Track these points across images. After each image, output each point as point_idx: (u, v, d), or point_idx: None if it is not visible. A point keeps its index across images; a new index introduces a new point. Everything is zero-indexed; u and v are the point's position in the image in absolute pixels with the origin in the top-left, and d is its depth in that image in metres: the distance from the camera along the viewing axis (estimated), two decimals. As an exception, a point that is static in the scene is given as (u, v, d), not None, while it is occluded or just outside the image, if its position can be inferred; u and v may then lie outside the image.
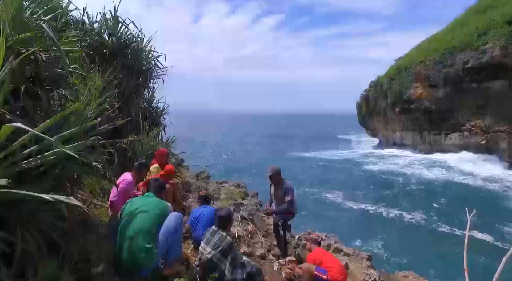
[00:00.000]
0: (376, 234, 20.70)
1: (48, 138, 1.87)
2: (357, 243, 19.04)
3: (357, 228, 21.92)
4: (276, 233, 5.34)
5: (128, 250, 2.70)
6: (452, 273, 13.89)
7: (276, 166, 5.37)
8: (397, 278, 5.85)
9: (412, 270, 6.30)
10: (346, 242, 18.67)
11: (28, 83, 2.55)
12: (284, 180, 5.23)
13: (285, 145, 66.89)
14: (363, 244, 19.16)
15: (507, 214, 23.99)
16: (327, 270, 3.62)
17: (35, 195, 1.78)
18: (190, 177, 10.35)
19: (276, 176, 5.17)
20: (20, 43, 2.51)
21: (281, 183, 5.17)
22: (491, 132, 37.57)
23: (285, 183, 5.15)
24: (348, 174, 39.53)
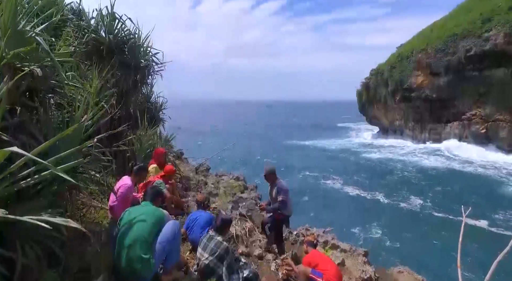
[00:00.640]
0: (374, 219, 21.14)
1: (43, 162, 1.89)
2: (355, 229, 19.47)
3: (356, 214, 22.33)
4: (264, 233, 5.34)
5: (126, 259, 2.77)
6: (446, 258, 14.33)
7: (270, 165, 5.35)
8: (392, 274, 6.00)
9: (407, 266, 6.44)
10: (345, 228, 19.30)
11: (24, 97, 2.55)
12: (279, 180, 5.17)
13: (285, 134, 66.97)
14: (361, 230, 19.64)
15: (502, 200, 24.54)
16: (322, 273, 3.71)
17: (33, 222, 1.82)
18: (189, 171, 10.40)
19: (270, 176, 5.15)
20: (15, 58, 2.50)
21: (275, 182, 5.11)
22: (491, 121, 37.53)
23: (278, 183, 5.06)
24: (347, 161, 39.76)
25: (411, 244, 17.65)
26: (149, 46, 6.59)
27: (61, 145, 2.48)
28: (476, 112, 39.19)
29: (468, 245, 15.96)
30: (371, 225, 20.43)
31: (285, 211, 5.13)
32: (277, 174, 5.32)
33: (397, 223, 21.10)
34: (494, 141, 37.63)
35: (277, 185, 5.04)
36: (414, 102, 43.79)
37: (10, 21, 2.54)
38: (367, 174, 33.58)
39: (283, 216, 5.20)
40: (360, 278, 5.33)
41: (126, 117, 6.88)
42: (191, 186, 7.46)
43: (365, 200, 25.82)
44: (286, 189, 5.04)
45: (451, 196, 25.76)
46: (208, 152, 24.46)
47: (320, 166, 37.17)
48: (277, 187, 5.01)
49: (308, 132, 67.46)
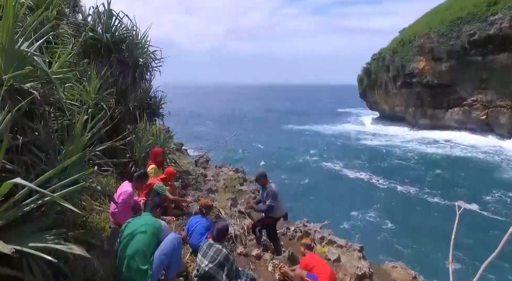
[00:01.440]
0: (372, 203, 21.62)
1: (45, 192, 1.96)
2: (353, 213, 19.90)
3: (354, 196, 22.74)
4: (254, 234, 5.51)
5: (126, 269, 2.91)
6: (437, 241, 14.77)
7: (262, 170, 5.57)
8: (386, 269, 6.20)
9: (401, 261, 6.66)
10: (343, 211, 19.72)
11: (24, 119, 2.58)
12: (270, 183, 5.27)
13: (285, 118, 66.90)
14: (359, 213, 20.12)
15: (498, 185, 24.93)
16: (317, 276, 3.87)
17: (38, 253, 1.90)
18: (189, 164, 10.49)
19: (261, 179, 5.32)
20: (14, 79, 2.52)
21: (266, 185, 5.24)
22: (492, 107, 37.43)
23: (269, 187, 5.20)
24: (346, 146, 39.98)
25: (407, 226, 18.21)
26: (147, 43, 6.52)
27: (64, 159, 2.55)
28: (477, 98, 39.00)
29: (460, 228, 16.46)
30: (368, 208, 20.96)
31: (273, 214, 5.32)
32: (274, 160, 5.48)
33: (394, 205, 21.63)
34: (494, 127, 37.64)
35: (267, 188, 5.18)
36: (415, 88, 43.50)
37: (7, 41, 2.54)
38: (366, 159, 33.87)
39: (272, 219, 5.39)
40: (355, 274, 5.52)
41: (126, 113, 6.93)
42: (190, 181, 7.56)
43: (364, 184, 26.26)
44: (275, 193, 5.18)
45: (448, 181, 26.17)
46: (209, 138, 24.35)
47: (320, 151, 37.47)
48: (267, 190, 5.15)
49: (307, 117, 67.40)
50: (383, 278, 5.80)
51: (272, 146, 39.78)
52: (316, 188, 25.00)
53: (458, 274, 11.26)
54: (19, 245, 1.97)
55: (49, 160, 2.84)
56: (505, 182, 25.60)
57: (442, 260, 12.83)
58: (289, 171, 29.05)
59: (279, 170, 29.47)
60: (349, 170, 29.64)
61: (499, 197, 22.26)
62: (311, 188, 25.16)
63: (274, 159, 32.94)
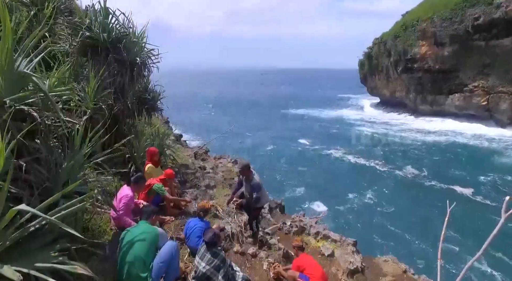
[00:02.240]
0: (369, 186, 22.09)
1: (47, 217, 2.09)
2: (350, 195, 20.34)
3: (352, 180, 23.20)
4: (251, 229, 5.67)
5: (127, 275, 3.09)
6: (431, 226, 15.25)
7: (245, 161, 5.49)
8: (379, 263, 6.44)
9: (391, 254, 6.90)
10: (341, 193, 20.15)
11: (25, 139, 2.66)
12: (253, 176, 5.21)
13: (285, 103, 66.69)
14: (356, 195, 20.63)
15: (495, 169, 25.35)
16: (309, 277, 4.07)
17: (44, 277, 2.03)
18: (188, 156, 10.60)
19: (245, 171, 5.23)
20: (15, 101, 2.59)
21: (250, 177, 5.21)
22: (493, 93, 37.23)
23: (253, 179, 5.16)
24: (344, 132, 40.09)
25: (403, 209, 18.67)
26: (144, 42, 6.50)
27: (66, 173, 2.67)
28: (478, 84, 38.71)
29: (454, 210, 17.06)
30: (365, 191, 21.44)
31: (259, 204, 5.48)
32: (273, 145, 5.51)
33: (391, 189, 22.04)
34: (494, 113, 37.56)
35: (252, 181, 5.19)
36: (416, 74, 43.11)
37: (7, 63, 2.60)
38: (363, 145, 34.11)
39: (258, 209, 5.61)
40: (347, 269, 5.75)
41: (125, 110, 6.99)
42: (189, 177, 7.69)
43: (361, 168, 26.66)
44: (260, 185, 5.24)
45: (447, 166, 26.50)
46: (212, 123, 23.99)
47: (318, 136, 37.65)
48: (252, 183, 5.17)
49: (307, 102, 67.12)
50: (375, 272, 6.03)
51: (270, 131, 39.93)
52: (312, 173, 25.38)
53: (451, 257, 11.47)
54: (26, 267, 2.11)
55: (51, 174, 2.95)
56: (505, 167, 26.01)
57: (434, 240, 13.21)
58: (285, 157, 29.33)
59: (275, 155, 29.77)
60: (349, 154, 29.94)
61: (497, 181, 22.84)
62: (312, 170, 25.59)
63: (271, 145, 33.16)
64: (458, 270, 11.91)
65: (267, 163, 26.77)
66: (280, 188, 21.14)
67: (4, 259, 2.15)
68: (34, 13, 7.06)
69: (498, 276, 11.73)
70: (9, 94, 2.61)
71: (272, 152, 30.94)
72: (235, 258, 4.79)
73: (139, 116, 8.09)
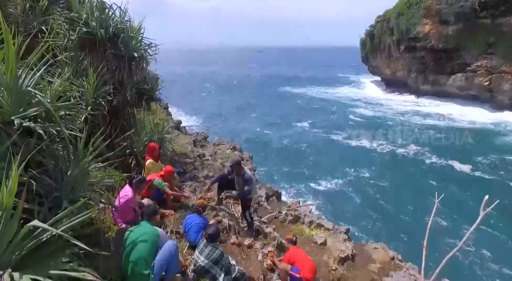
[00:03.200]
0: (367, 164, 22.65)
1: (59, 232, 2.32)
2: (348, 176, 20.86)
3: (351, 161, 23.70)
4: (246, 220, 5.98)
5: (131, 273, 3.38)
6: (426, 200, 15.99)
7: (236, 157, 5.82)
8: (368, 250, 6.80)
9: (382, 242, 7.26)
10: (338, 171, 20.67)
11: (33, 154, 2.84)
12: (244, 170, 5.57)
13: (283, 82, 66.09)
14: (354, 173, 21.27)
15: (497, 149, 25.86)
16: (299, 269, 4.39)
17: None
18: (187, 144, 10.79)
19: (236, 166, 5.52)
20: (21, 118, 2.75)
21: (241, 172, 5.53)
22: (496, 73, 36.87)
23: (245, 174, 5.50)
24: (345, 112, 40.13)
25: (400, 187, 19.35)
26: (142, 36, 6.53)
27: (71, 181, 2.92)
28: (481, 64, 38.26)
29: (451, 188, 17.84)
30: (363, 167, 22.01)
31: (249, 196, 5.78)
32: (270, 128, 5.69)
33: (387, 167, 22.56)
34: (496, 94, 37.34)
35: (243, 175, 5.51)
36: (418, 53, 42.48)
37: (12, 81, 2.74)
38: (362, 126, 34.27)
39: (249, 200, 5.90)
40: (338, 257, 6.11)
41: (124, 102, 7.13)
42: (188, 167, 7.93)
43: (360, 149, 27.08)
44: (252, 178, 5.60)
45: (445, 147, 26.88)
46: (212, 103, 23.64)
47: (316, 116, 37.75)
48: (243, 177, 5.49)
49: (306, 82, 66.51)
50: (364, 259, 6.40)
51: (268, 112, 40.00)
52: (312, 152, 25.76)
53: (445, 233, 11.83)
54: (40, 274, 2.36)
55: (58, 183, 3.17)
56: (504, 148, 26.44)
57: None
58: (283, 138, 29.60)
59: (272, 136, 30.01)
60: (349, 136, 30.19)
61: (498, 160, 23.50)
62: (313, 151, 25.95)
63: (268, 126, 33.34)
64: (447, 248, 12.54)
65: (265, 145, 27.06)
66: (278, 169, 21.54)
67: (20, 267, 2.40)
68: (30, 6, 7.06)
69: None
70: (16, 111, 2.77)
71: (270, 133, 31.14)
72: (232, 249, 5.10)
73: (139, 107, 8.25)
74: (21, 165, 2.44)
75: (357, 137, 29.77)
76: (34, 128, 2.77)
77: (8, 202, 2.28)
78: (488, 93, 38.09)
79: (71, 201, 3.21)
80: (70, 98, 4.10)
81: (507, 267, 12.22)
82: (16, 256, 2.42)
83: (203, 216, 4.84)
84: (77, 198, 3.39)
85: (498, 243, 13.64)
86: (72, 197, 3.31)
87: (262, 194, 8.45)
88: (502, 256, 12.74)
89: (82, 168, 3.39)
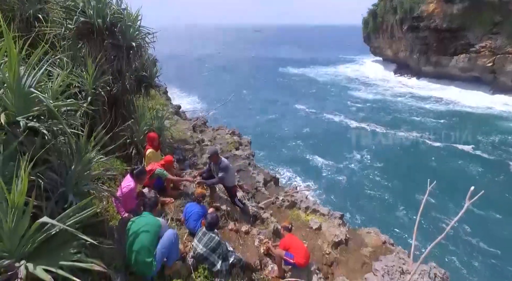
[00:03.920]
0: (366, 147, 23.02)
1: (63, 226, 2.51)
2: (347, 159, 21.23)
3: (350, 143, 24.16)
4: (237, 206, 6.27)
5: (135, 261, 3.61)
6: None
7: (214, 148, 6.16)
8: (361, 234, 7.09)
9: (375, 226, 7.54)
10: (337, 154, 21.05)
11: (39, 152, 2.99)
12: (221, 159, 5.83)
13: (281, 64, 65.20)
14: (353, 155, 21.71)
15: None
16: (293, 255, 4.66)
17: (65, 274, 2.49)
18: (186, 129, 10.91)
19: (214, 157, 5.79)
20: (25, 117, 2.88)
21: (218, 161, 5.78)
22: (500, 54, 36.38)
23: (222, 162, 5.76)
24: (344, 95, 39.95)
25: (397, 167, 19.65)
26: (139, 25, 6.51)
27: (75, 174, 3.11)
28: (486, 44, 37.70)
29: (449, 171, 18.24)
30: (361, 149, 22.36)
31: (228, 183, 6.02)
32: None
33: (386, 149, 22.87)
34: (499, 76, 36.98)
35: (219, 164, 5.77)
36: (422, 33, 41.70)
37: (15, 84, 2.85)
38: (361, 108, 34.27)
39: (233, 187, 6.19)
40: (332, 241, 6.40)
41: (123, 90, 7.21)
42: (187, 154, 8.10)
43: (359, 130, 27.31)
44: (228, 166, 5.82)
45: (447, 129, 27.06)
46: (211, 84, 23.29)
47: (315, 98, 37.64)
48: (219, 166, 5.75)
49: (306, 63, 65.61)
50: (357, 243, 6.69)
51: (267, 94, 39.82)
52: (313, 134, 25.96)
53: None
54: (51, 265, 2.58)
55: (63, 178, 3.35)
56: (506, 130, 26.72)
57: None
58: (281, 120, 29.69)
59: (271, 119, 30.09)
60: (349, 118, 30.26)
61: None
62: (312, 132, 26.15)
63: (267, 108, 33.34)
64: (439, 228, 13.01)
65: (263, 128, 27.18)
66: (276, 153, 21.80)
67: (32, 259, 2.62)
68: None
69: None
70: (20, 111, 2.90)
71: (269, 116, 31.17)
72: (230, 235, 5.36)
73: (138, 94, 8.32)
74: (29, 164, 2.60)
75: (356, 119, 29.87)
76: (39, 128, 2.91)
77: (19, 201, 2.45)
78: (491, 75, 37.73)
79: (76, 194, 3.41)
80: (71, 94, 4.19)
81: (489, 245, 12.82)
82: (28, 248, 2.62)
83: (202, 205, 5.06)
84: (81, 191, 3.60)
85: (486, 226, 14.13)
86: (76, 190, 3.50)
87: (260, 180, 8.68)
88: (487, 238, 13.30)
89: (85, 162, 3.55)
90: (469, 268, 12.02)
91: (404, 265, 5.52)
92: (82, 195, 3.58)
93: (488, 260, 12.39)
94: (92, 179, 4.14)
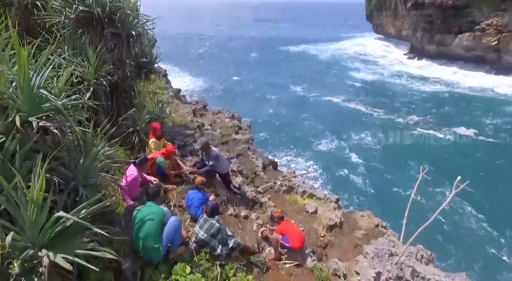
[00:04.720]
0: (365, 129, 23.31)
1: (78, 220, 2.79)
2: (345, 141, 21.53)
3: (349, 125, 24.32)
4: (233, 192, 6.61)
5: (142, 247, 3.93)
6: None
7: (204, 138, 6.47)
8: (356, 217, 7.43)
9: (370, 210, 7.87)
10: (336, 135, 21.33)
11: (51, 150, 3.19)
12: (212, 149, 6.15)
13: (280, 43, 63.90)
14: (351, 137, 22.02)
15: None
16: (289, 239, 5.00)
17: (79, 261, 2.78)
18: (187, 113, 11.05)
19: (204, 147, 6.10)
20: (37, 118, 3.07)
21: (208, 151, 6.09)
22: (506, 32, 35.68)
23: (212, 151, 6.07)
24: (345, 76, 39.58)
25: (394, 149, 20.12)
26: (139, 13, 6.52)
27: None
28: (492, 22, 36.86)
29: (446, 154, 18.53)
30: (359, 131, 22.74)
31: (221, 171, 6.37)
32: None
33: (385, 132, 23.12)
34: (503, 55, 36.44)
35: (210, 153, 6.08)
36: (426, 10, 40.63)
37: (26, 86, 3.02)
38: (361, 88, 34.12)
39: (225, 175, 6.50)
40: (327, 225, 6.75)
41: (124, 77, 7.32)
42: (188, 139, 8.29)
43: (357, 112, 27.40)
44: (218, 155, 6.14)
45: (449, 112, 27.09)
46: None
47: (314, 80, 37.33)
48: (211, 155, 6.06)
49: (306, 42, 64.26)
50: (351, 226, 7.06)
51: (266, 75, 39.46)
52: (317, 115, 26.05)
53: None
54: (69, 254, 2.86)
55: (73, 172, 3.58)
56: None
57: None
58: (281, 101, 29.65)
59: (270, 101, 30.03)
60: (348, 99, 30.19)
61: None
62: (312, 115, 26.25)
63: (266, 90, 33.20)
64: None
65: (263, 110, 27.20)
66: (275, 135, 22.00)
67: (50, 248, 2.89)
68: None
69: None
70: (32, 112, 3.09)
71: (268, 97, 31.06)
72: (229, 220, 5.69)
73: (138, 80, 8.41)
74: (44, 163, 2.82)
75: (355, 101, 29.80)
76: (50, 127, 3.10)
77: (38, 197, 2.69)
78: (495, 54, 37.18)
79: (85, 186, 3.66)
80: (73, 84, 4.34)
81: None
82: (47, 239, 2.90)
83: (204, 192, 5.34)
84: (90, 183, 3.85)
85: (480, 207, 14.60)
86: (86, 182, 3.74)
87: (258, 164, 8.95)
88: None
89: (93, 156, 3.78)
90: (457, 249, 12.56)
91: (394, 247, 5.87)
92: (91, 186, 3.85)
93: (475, 240, 12.95)
94: (99, 170, 4.38)
